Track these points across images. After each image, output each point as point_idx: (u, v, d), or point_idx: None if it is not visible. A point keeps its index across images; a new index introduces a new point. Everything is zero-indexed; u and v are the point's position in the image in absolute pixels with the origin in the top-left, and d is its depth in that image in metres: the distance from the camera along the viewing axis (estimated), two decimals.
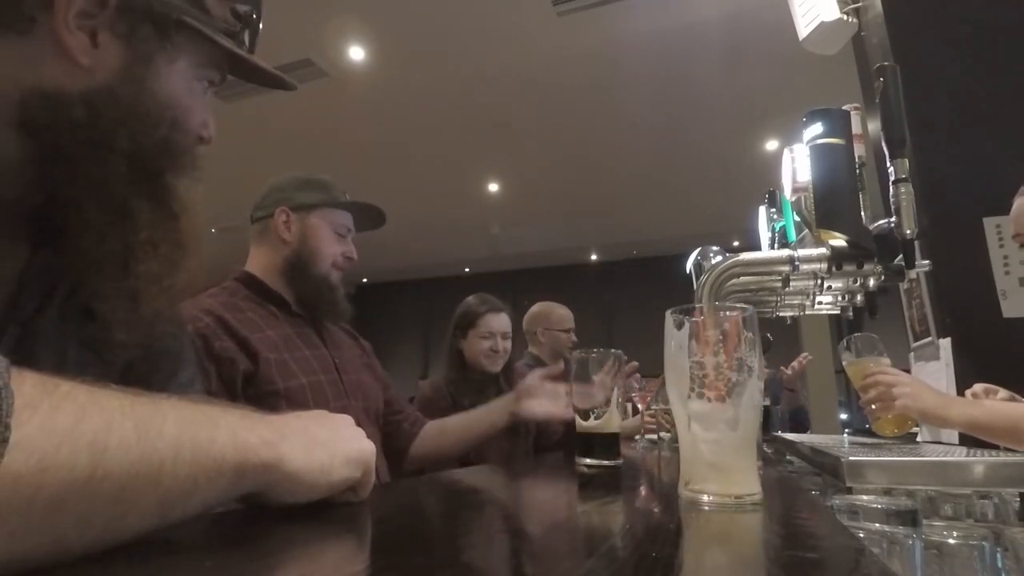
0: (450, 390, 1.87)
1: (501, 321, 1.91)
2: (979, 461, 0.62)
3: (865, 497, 0.51)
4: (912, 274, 0.88)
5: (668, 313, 0.52)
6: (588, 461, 0.86)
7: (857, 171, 0.89)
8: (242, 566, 0.33)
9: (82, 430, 0.29)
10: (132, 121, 0.51)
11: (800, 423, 3.16)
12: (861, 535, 0.41)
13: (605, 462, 0.85)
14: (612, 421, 0.87)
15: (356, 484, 0.48)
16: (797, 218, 1.02)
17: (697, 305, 0.51)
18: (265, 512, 0.43)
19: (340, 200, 1.28)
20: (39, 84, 0.48)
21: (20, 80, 0.47)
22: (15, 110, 0.47)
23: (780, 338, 3.52)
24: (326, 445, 0.45)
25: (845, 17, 1.50)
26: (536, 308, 2.50)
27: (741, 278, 0.93)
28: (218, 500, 0.37)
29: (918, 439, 1.43)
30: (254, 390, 1.06)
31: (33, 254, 0.52)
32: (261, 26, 0.63)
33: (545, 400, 1.32)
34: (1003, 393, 1.09)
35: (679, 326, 0.51)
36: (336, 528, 0.44)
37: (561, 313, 2.47)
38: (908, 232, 0.81)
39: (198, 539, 0.39)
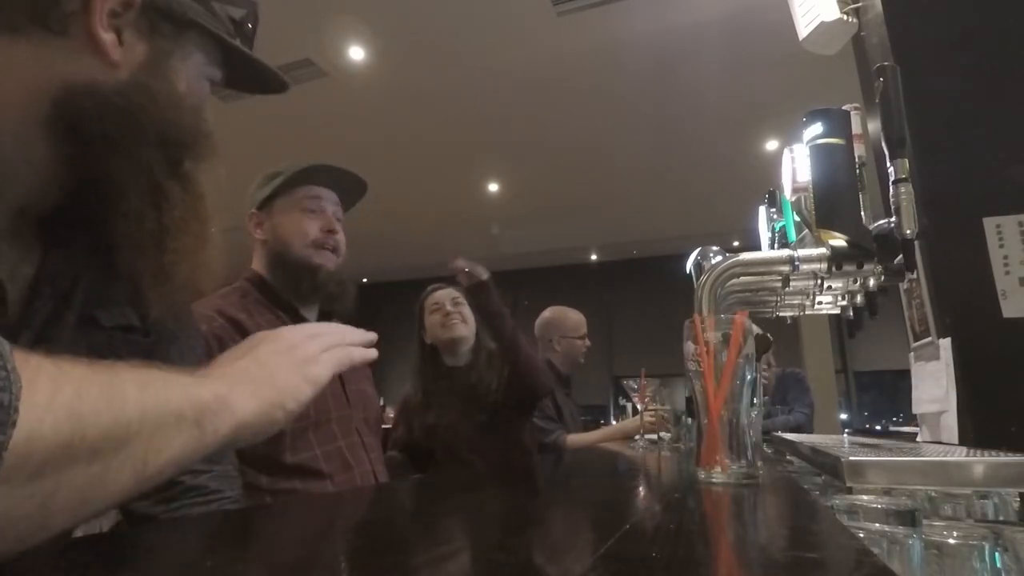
0: (420, 388, 1.87)
1: (443, 293, 1.89)
2: (979, 461, 0.61)
3: (865, 497, 0.51)
4: (912, 274, 0.88)
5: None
6: None
7: (857, 171, 0.89)
8: (242, 566, 0.33)
9: (59, 401, 0.30)
10: (161, 109, 0.55)
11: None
12: (861, 535, 0.40)
13: None
14: None
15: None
16: (797, 218, 1.02)
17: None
18: (264, 511, 0.43)
19: (291, 175, 1.21)
20: (73, 80, 0.50)
21: (55, 77, 0.50)
22: (48, 106, 0.49)
23: (780, 338, 3.52)
24: (271, 382, 0.48)
25: (845, 17, 1.50)
26: (548, 314, 2.42)
27: (741, 278, 0.93)
28: (187, 457, 0.39)
29: (918, 439, 1.43)
30: None
31: (45, 256, 0.53)
32: (257, 33, 0.67)
33: None
34: None
35: None
36: (335, 528, 0.44)
37: (575, 319, 2.39)
38: (908, 232, 0.80)
39: (197, 539, 0.39)
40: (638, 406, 1.70)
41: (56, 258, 0.54)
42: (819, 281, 0.92)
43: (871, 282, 0.92)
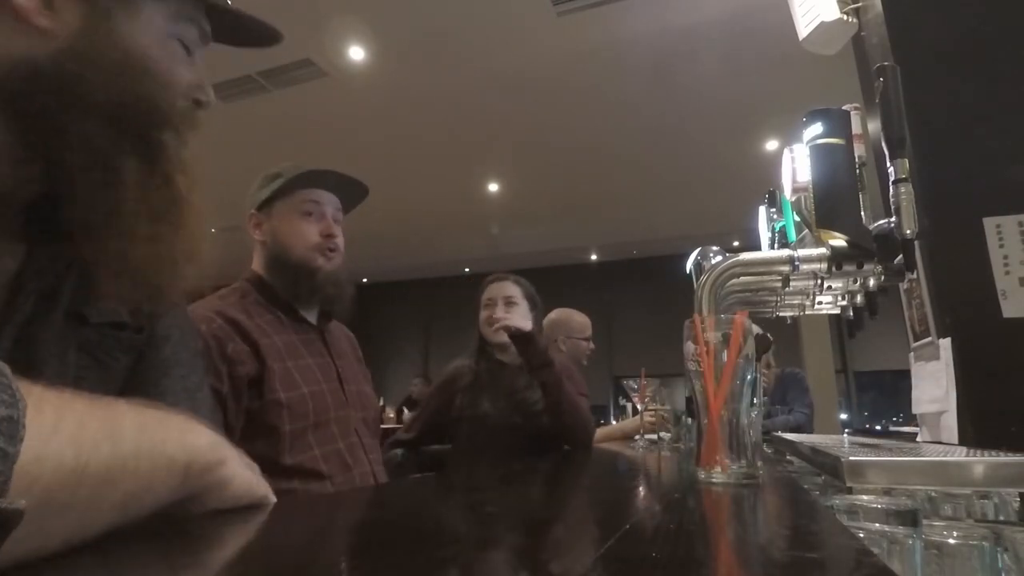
0: (474, 370, 1.82)
1: (500, 288, 1.82)
2: (979, 461, 0.61)
3: (865, 497, 0.51)
4: (912, 274, 0.88)
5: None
6: None
7: (857, 171, 0.89)
8: (241, 566, 0.33)
9: (62, 428, 0.31)
10: (103, 76, 0.49)
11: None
12: (861, 535, 0.40)
13: None
14: None
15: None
16: (797, 218, 1.02)
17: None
18: (263, 512, 0.43)
19: (290, 178, 1.21)
20: (2, 53, 0.46)
21: None
22: None
23: (780, 338, 3.52)
24: (253, 470, 0.49)
25: (845, 17, 1.50)
26: (555, 315, 2.44)
27: (741, 278, 0.93)
28: (168, 499, 0.39)
29: (918, 439, 1.43)
30: (258, 395, 1.07)
31: (29, 253, 0.51)
32: None
33: None
34: None
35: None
36: (335, 529, 0.44)
37: (581, 320, 2.44)
38: (908, 232, 0.81)
39: (196, 539, 0.39)
40: (638, 406, 1.70)
41: (41, 254, 0.51)
42: (819, 281, 0.92)
43: (871, 282, 0.92)
